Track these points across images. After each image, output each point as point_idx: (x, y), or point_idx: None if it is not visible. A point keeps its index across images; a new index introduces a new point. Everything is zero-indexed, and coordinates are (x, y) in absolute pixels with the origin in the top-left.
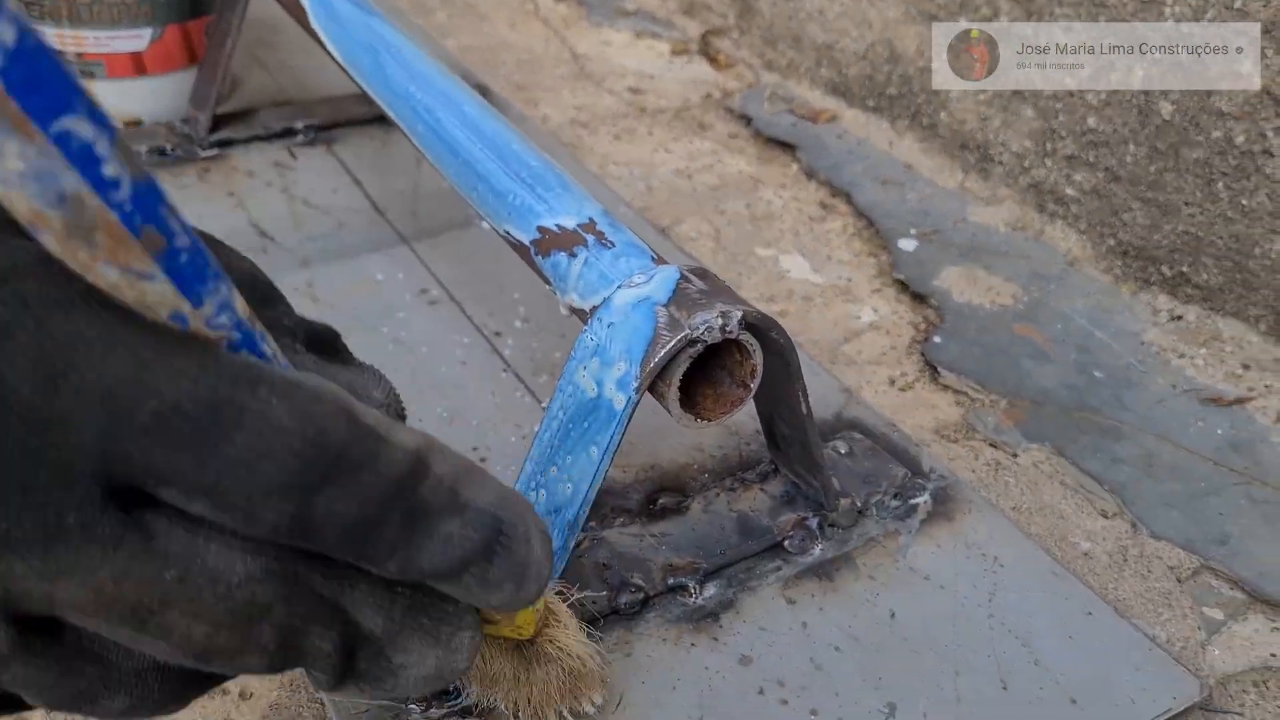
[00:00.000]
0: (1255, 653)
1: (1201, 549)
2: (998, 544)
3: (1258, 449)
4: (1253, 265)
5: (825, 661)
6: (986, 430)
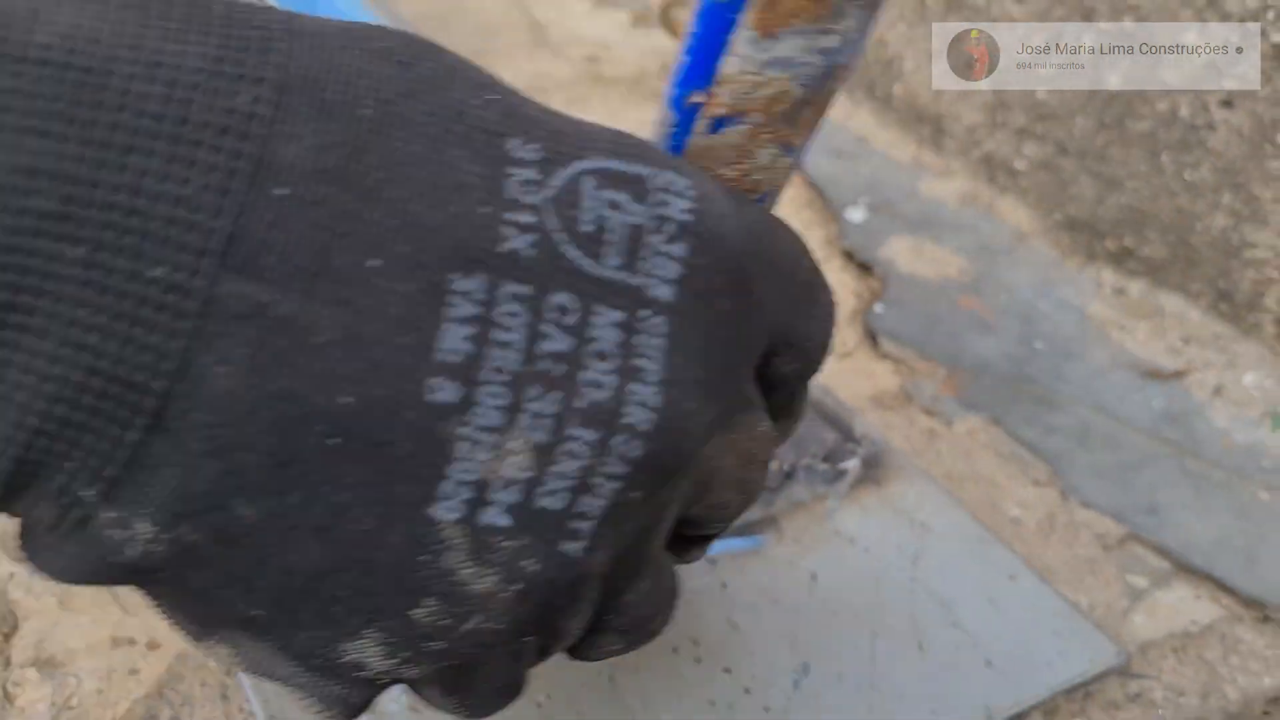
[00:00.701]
0: (1177, 620)
1: (1130, 518)
2: (926, 509)
3: (1192, 422)
4: (1194, 240)
5: (742, 621)
6: (923, 399)
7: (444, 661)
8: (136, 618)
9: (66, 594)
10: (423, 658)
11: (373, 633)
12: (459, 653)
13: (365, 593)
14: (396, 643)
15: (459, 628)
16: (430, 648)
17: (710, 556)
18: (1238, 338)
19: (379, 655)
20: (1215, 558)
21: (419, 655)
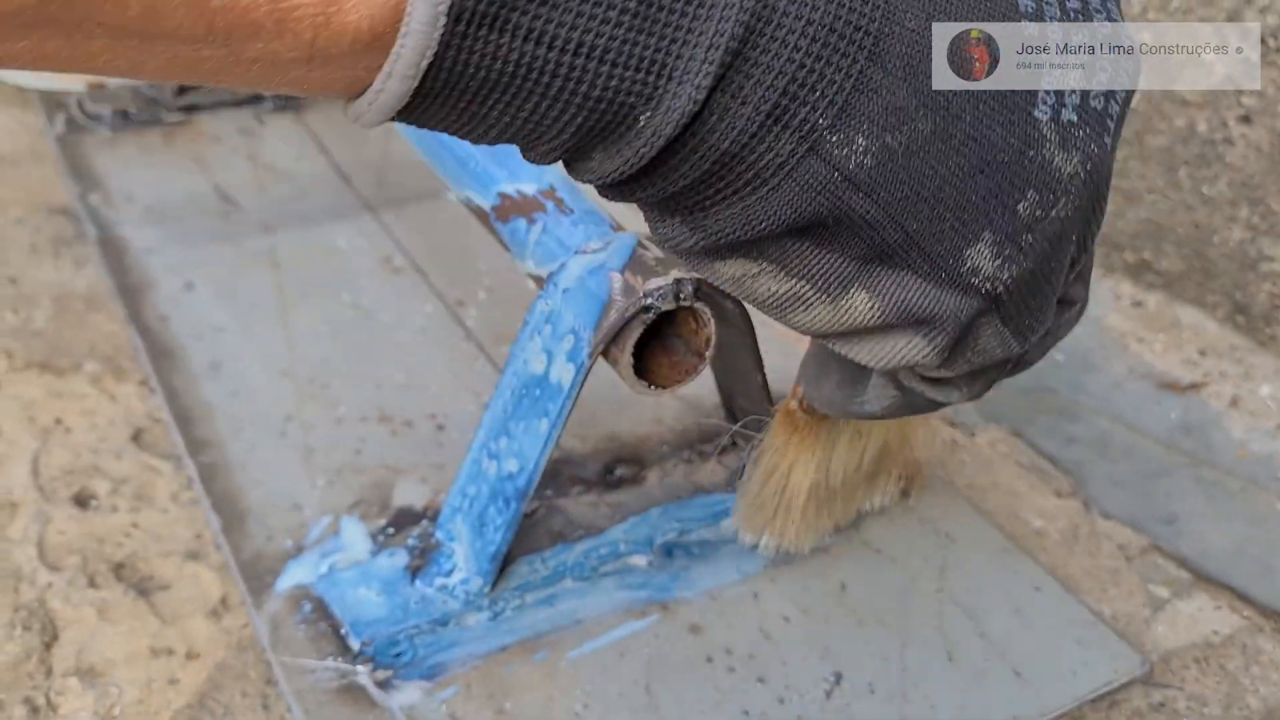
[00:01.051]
0: (1198, 630)
1: (1150, 529)
2: (951, 520)
3: (1209, 433)
4: (1211, 253)
5: (774, 631)
6: (945, 410)
7: (1026, 261)
8: (174, 627)
9: (104, 604)
10: (1020, 254)
11: (987, 235)
12: (1041, 249)
13: (989, 194)
14: (1001, 241)
15: (1048, 215)
16: (1026, 241)
17: (741, 567)
18: (1254, 350)
19: (989, 256)
20: (1232, 568)
21: (1017, 251)
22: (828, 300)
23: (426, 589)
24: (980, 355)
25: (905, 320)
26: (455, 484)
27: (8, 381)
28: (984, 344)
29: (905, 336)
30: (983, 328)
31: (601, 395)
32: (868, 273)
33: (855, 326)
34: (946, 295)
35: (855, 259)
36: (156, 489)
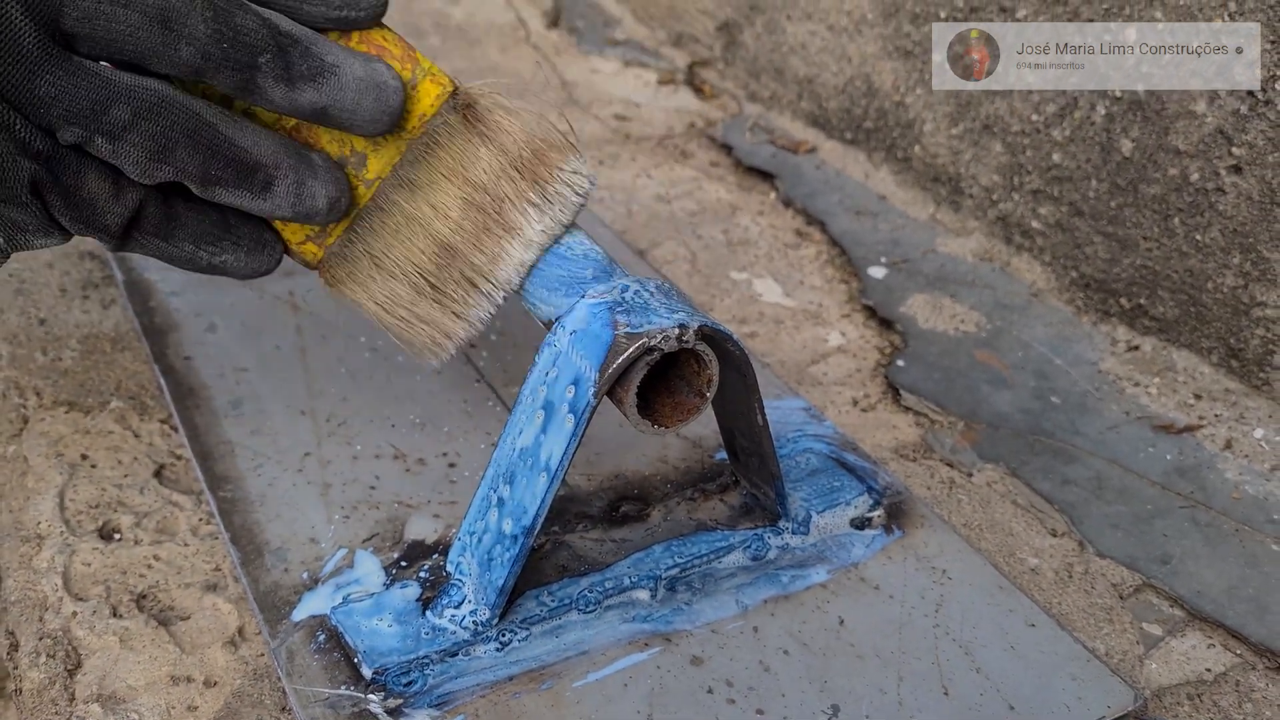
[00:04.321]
0: (1191, 667)
1: (1144, 568)
2: (947, 557)
3: (1204, 475)
4: (1205, 299)
5: (774, 664)
6: (943, 450)
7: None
8: (193, 656)
9: (126, 634)
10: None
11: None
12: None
13: None
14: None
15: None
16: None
17: (742, 601)
18: (1248, 393)
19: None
20: (1227, 607)
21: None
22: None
23: (437, 620)
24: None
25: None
26: (465, 520)
27: (37, 419)
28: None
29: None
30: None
31: (607, 435)
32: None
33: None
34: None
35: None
36: (178, 523)
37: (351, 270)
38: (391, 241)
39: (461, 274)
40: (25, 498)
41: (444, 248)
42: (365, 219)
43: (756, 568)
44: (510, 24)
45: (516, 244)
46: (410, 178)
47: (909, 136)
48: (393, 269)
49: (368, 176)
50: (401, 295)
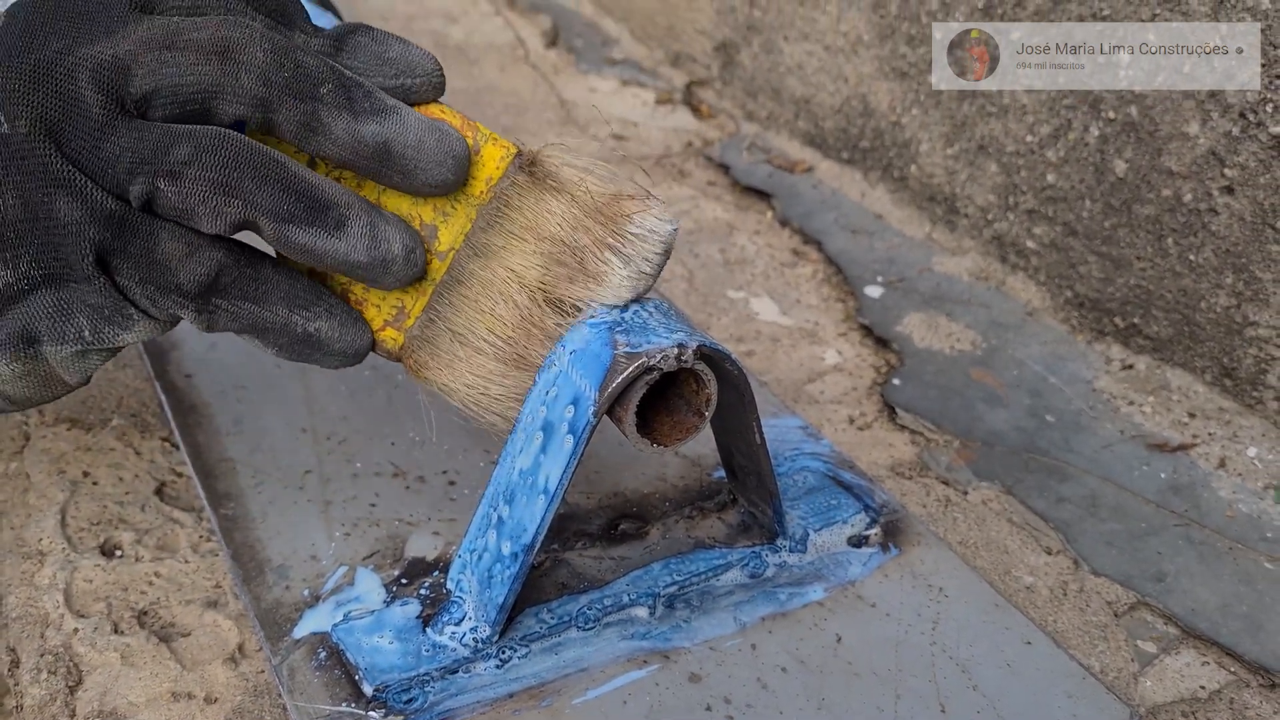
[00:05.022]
0: (1185, 685)
1: (1139, 586)
2: (944, 576)
3: (1198, 493)
4: (1199, 318)
5: (771, 681)
6: (939, 468)
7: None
8: (194, 673)
9: (127, 650)
10: None
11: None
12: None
13: None
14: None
15: None
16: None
17: (740, 619)
18: (1241, 412)
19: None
20: (1221, 624)
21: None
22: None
23: (437, 637)
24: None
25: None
26: (465, 538)
27: (39, 436)
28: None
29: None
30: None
31: (606, 453)
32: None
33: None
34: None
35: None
36: (178, 540)
37: (434, 351)
38: (472, 314)
39: (544, 334)
40: (27, 514)
41: (525, 314)
42: (442, 295)
43: (754, 585)
44: (509, 43)
45: (602, 289)
46: (484, 244)
47: (905, 156)
48: (478, 344)
49: (440, 249)
50: (490, 369)
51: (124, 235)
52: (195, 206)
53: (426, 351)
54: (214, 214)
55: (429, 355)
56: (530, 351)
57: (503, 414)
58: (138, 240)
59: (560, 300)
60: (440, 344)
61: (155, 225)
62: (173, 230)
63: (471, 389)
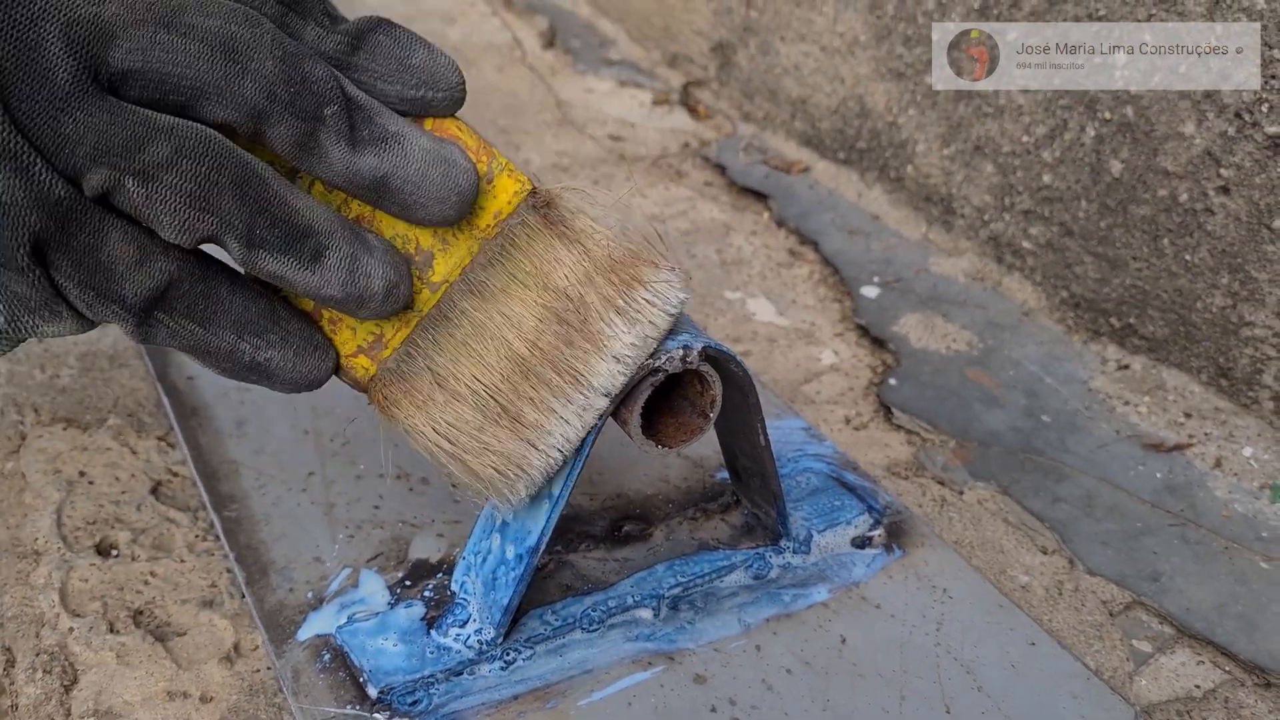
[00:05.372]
0: (1180, 684)
1: (1134, 585)
2: (947, 576)
3: (1194, 493)
4: (1195, 318)
5: (776, 683)
6: (935, 469)
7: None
8: (190, 672)
9: (123, 649)
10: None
11: None
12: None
13: None
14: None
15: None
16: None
17: (744, 620)
18: (1237, 412)
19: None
20: (1216, 624)
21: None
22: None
23: (442, 639)
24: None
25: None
26: (469, 540)
27: (35, 436)
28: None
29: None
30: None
31: (609, 454)
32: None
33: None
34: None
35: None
36: (174, 539)
37: (409, 389)
38: (458, 356)
39: (538, 395)
40: (23, 514)
41: (519, 364)
42: (428, 329)
43: (758, 587)
44: (506, 44)
45: (602, 361)
46: (482, 282)
47: (901, 157)
48: (458, 388)
49: (433, 279)
50: (467, 420)
51: (69, 227)
52: (162, 215)
53: (399, 388)
54: (181, 227)
55: (402, 392)
56: (519, 410)
57: (468, 465)
58: (83, 235)
59: (555, 363)
60: (417, 382)
61: (106, 221)
62: (125, 230)
63: (441, 436)
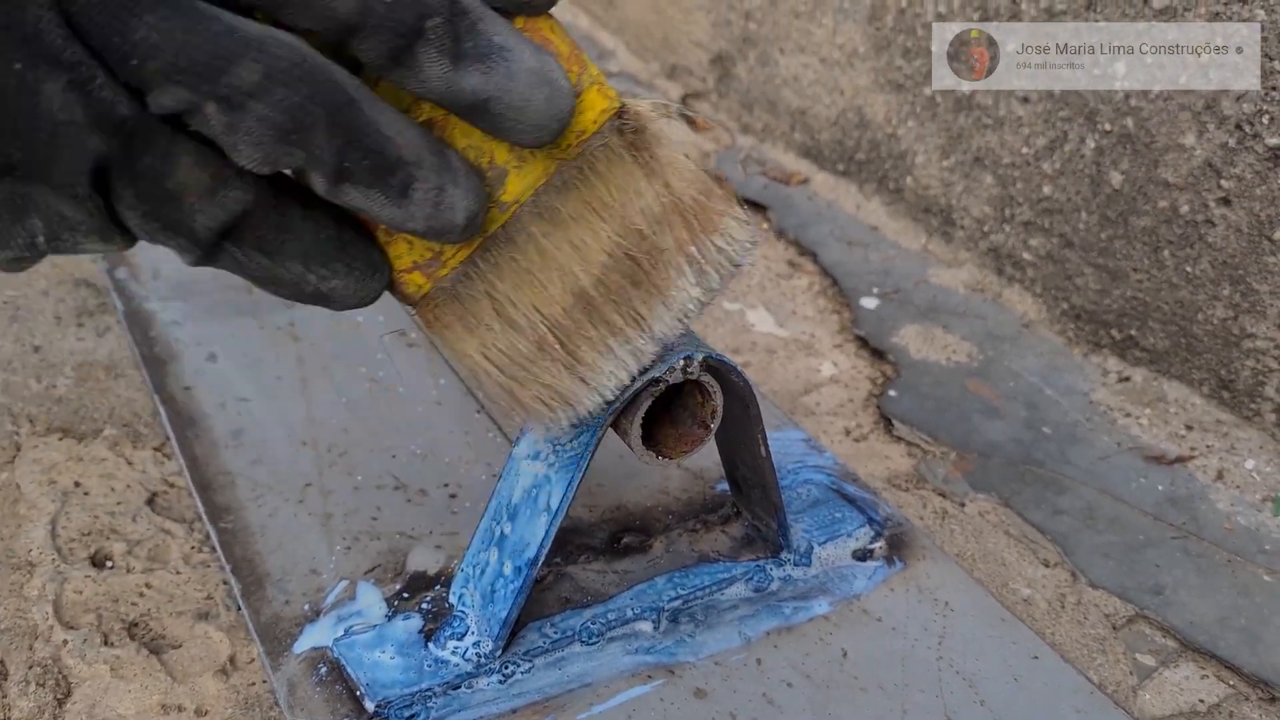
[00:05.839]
0: (1184, 698)
1: (1137, 598)
2: (949, 589)
3: (1196, 505)
4: (1196, 330)
5: (778, 697)
6: (936, 480)
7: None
8: (184, 685)
9: (117, 662)
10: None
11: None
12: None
13: None
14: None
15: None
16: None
17: (745, 633)
18: (1239, 424)
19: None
20: (1219, 637)
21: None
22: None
23: (440, 652)
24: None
25: None
26: (468, 552)
27: (30, 446)
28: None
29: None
30: None
31: (609, 466)
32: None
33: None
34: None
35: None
36: (170, 551)
37: (464, 313)
38: (520, 284)
39: (597, 334)
40: (17, 525)
41: (581, 299)
42: (491, 251)
43: (759, 599)
44: None
45: (665, 308)
46: (554, 207)
47: (901, 168)
48: (515, 317)
49: (504, 199)
50: (521, 350)
51: (134, 151)
52: (243, 145)
53: (453, 310)
54: (264, 159)
55: (454, 315)
56: (576, 347)
57: (511, 391)
58: (150, 160)
59: (619, 302)
60: (472, 306)
61: (177, 143)
62: (197, 154)
63: (492, 364)
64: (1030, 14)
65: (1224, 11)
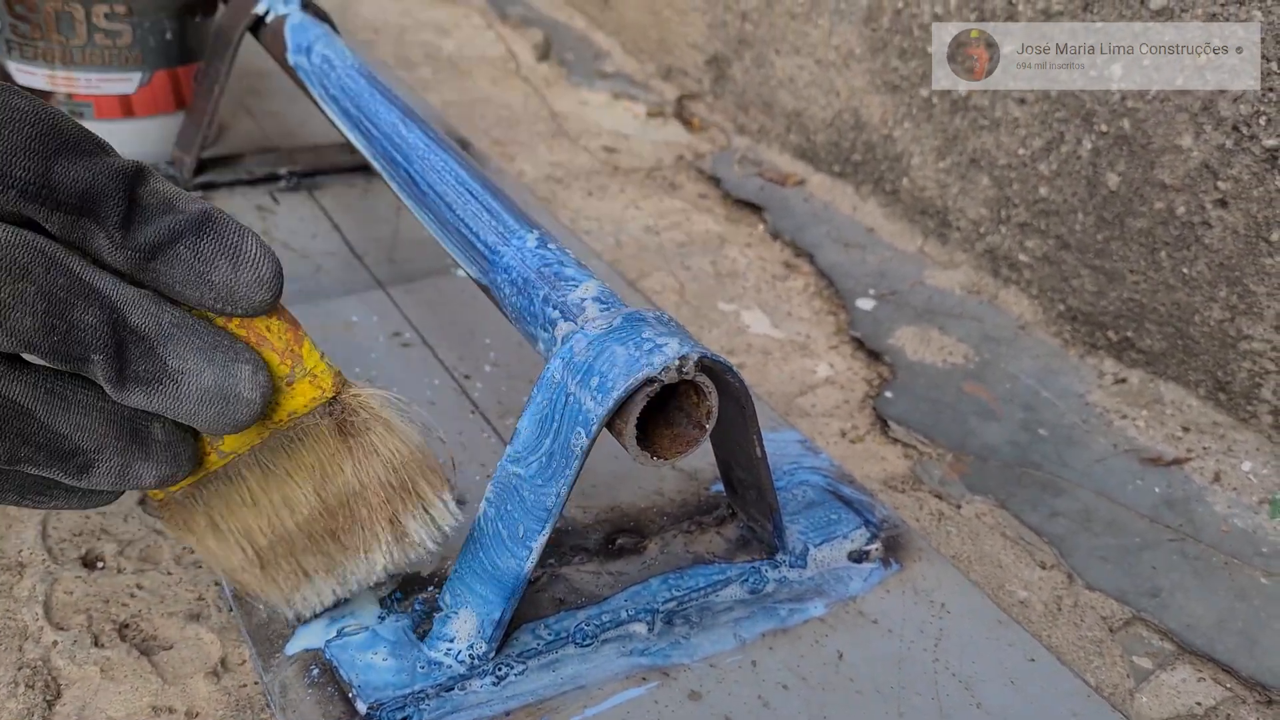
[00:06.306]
0: (1181, 701)
1: (1134, 601)
2: (945, 591)
3: (1192, 508)
4: (1193, 332)
5: (773, 699)
6: (932, 482)
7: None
8: (175, 687)
9: (108, 663)
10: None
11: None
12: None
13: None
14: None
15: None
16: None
17: (740, 635)
18: (1236, 426)
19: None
20: (1216, 640)
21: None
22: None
23: (432, 654)
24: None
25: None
26: (461, 553)
27: None
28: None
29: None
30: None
31: (603, 467)
32: None
33: None
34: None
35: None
36: (161, 552)
37: (188, 520)
38: (232, 512)
39: (296, 565)
40: (7, 525)
41: (283, 538)
42: (212, 483)
43: (754, 601)
44: (501, 56)
45: (357, 566)
46: (267, 462)
47: (897, 169)
48: (227, 534)
49: (223, 448)
50: (232, 560)
51: None
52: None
53: (180, 515)
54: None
55: (181, 519)
56: (275, 573)
57: (231, 579)
58: None
59: (319, 550)
60: (194, 516)
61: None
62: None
63: (211, 556)
64: (1027, 15)
65: (1221, 12)
